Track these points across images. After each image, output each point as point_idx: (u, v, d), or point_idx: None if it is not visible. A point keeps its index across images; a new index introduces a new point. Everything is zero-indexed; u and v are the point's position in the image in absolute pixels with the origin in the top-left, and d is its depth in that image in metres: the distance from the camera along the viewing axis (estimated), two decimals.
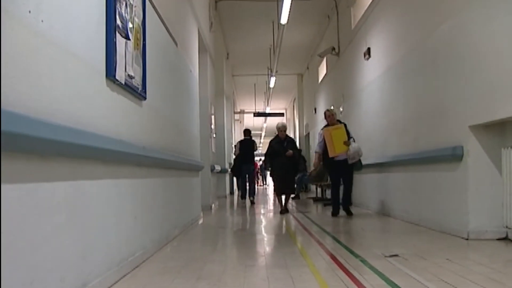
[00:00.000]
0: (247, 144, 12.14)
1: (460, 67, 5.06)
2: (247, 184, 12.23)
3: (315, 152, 8.07)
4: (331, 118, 7.93)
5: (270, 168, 9.01)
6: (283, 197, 8.98)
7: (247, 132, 12.41)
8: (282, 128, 9.07)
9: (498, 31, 4.42)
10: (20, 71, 2.02)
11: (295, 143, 9.49)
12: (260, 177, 30.94)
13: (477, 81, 4.74)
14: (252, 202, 11.60)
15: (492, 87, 4.49)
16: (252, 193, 11.95)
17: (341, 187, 7.93)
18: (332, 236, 5.47)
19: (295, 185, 10.09)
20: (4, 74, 1.87)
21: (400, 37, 7.15)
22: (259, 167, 28.74)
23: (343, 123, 8.05)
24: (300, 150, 9.36)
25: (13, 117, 1.84)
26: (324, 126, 8.01)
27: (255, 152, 12.37)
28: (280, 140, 9.00)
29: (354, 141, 7.69)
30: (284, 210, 8.71)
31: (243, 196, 12.42)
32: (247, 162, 12.06)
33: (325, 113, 8.15)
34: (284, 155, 8.69)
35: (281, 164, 8.75)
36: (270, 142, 9.24)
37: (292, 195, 10.07)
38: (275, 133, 9.37)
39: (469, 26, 4.89)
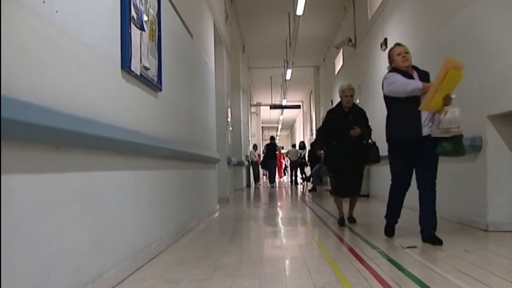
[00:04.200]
0: (272, 146, 18.61)
1: (477, 56, 4.98)
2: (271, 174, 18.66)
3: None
4: (405, 58, 4.42)
5: (322, 152, 5.60)
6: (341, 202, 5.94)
7: (272, 138, 19.50)
8: (348, 92, 5.61)
9: None
10: (34, 61, 2.02)
11: (366, 116, 5.81)
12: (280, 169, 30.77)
13: (495, 69, 4.66)
14: (272, 187, 17.58)
15: (510, 75, 4.40)
16: (273, 180, 18.49)
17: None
18: (349, 227, 5.44)
19: (312, 177, 6.05)
20: (18, 64, 1.88)
21: (417, 27, 7.05)
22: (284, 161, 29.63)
23: None
24: (370, 130, 5.71)
25: (27, 107, 1.85)
26: (390, 71, 4.52)
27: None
28: (343, 112, 5.66)
29: None
30: (349, 219, 5.85)
31: (270, 182, 18.56)
32: (271, 159, 18.36)
33: (390, 51, 4.55)
34: (347, 135, 5.46)
35: (344, 149, 5.54)
36: (328, 113, 6.00)
37: (310, 190, 8.66)
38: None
39: (485, 14, 4.80)
